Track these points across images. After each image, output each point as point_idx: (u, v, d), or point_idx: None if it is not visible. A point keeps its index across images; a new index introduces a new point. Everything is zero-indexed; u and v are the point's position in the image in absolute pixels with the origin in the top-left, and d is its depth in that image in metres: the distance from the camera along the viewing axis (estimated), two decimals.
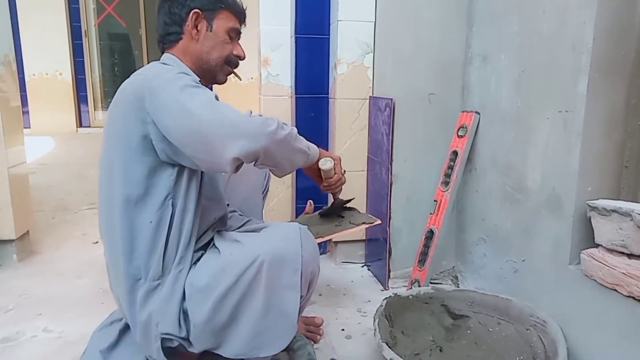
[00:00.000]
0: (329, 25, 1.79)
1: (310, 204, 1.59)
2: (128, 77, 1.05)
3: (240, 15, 1.18)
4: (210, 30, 1.13)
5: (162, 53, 1.16)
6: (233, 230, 1.21)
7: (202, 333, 1.00)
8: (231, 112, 0.92)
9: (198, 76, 1.12)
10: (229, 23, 1.15)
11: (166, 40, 1.13)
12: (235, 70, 1.20)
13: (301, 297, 1.01)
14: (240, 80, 1.26)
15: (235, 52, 1.17)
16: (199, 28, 1.12)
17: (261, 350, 1.01)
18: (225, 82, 1.20)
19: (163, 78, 0.96)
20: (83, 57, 5.59)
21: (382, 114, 1.64)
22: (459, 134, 1.57)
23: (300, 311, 1.03)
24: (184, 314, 1.01)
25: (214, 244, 1.09)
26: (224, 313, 0.98)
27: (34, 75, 5.30)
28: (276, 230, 1.06)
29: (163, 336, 1.00)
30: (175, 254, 1.03)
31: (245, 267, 0.97)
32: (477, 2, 1.54)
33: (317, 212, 1.49)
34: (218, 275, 0.99)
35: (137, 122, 0.97)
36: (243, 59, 1.19)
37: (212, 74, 1.16)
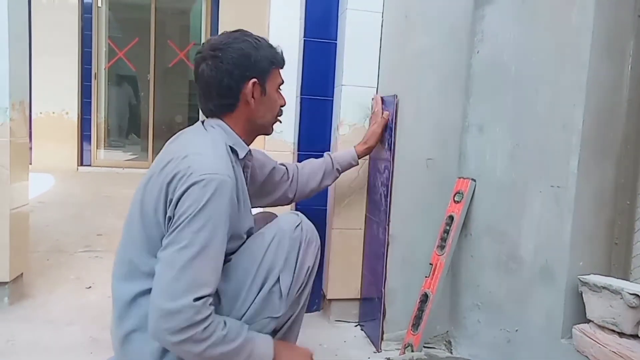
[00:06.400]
0: (333, 88, 1.88)
1: None
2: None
3: (283, 66, 1.23)
4: (265, 94, 1.18)
5: (207, 116, 1.20)
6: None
7: None
8: (173, 292, 0.97)
9: (247, 138, 1.20)
10: (277, 80, 1.21)
11: (220, 110, 1.17)
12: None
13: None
14: (281, 122, 1.32)
15: (281, 104, 1.24)
16: (254, 95, 1.15)
17: None
18: (272, 132, 1.29)
19: (194, 198, 1.00)
20: (90, 98, 5.71)
21: (381, 176, 1.69)
22: (455, 199, 1.61)
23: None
24: None
25: None
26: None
27: (40, 113, 5.41)
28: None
29: None
30: None
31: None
32: (474, 76, 1.63)
33: None
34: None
35: (160, 197, 1.05)
36: (285, 105, 1.26)
37: (264, 130, 1.25)
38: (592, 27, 1.13)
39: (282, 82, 1.24)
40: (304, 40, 1.85)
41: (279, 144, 1.97)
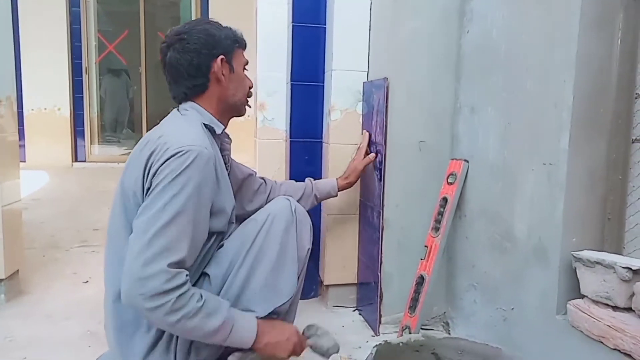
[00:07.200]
0: (324, 73, 1.86)
1: None
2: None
3: (245, 48, 1.27)
4: (233, 72, 1.21)
5: (180, 102, 1.21)
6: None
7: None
8: (146, 258, 0.95)
9: (221, 118, 1.21)
10: (242, 59, 1.25)
11: (192, 92, 1.18)
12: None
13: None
14: (250, 107, 1.34)
15: (249, 85, 1.27)
16: (224, 73, 1.18)
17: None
18: (245, 113, 1.29)
19: (171, 168, 1.00)
20: (82, 93, 5.66)
21: (374, 160, 1.68)
22: (449, 181, 1.61)
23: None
24: None
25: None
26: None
27: (32, 110, 5.36)
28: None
29: None
30: None
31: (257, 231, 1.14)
32: (464, 56, 1.62)
33: None
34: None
35: (139, 177, 1.05)
36: (252, 87, 1.29)
37: (237, 111, 1.26)
38: (581, 1, 1.12)
39: (247, 62, 1.28)
40: (293, 25, 1.83)
41: (272, 131, 1.95)
